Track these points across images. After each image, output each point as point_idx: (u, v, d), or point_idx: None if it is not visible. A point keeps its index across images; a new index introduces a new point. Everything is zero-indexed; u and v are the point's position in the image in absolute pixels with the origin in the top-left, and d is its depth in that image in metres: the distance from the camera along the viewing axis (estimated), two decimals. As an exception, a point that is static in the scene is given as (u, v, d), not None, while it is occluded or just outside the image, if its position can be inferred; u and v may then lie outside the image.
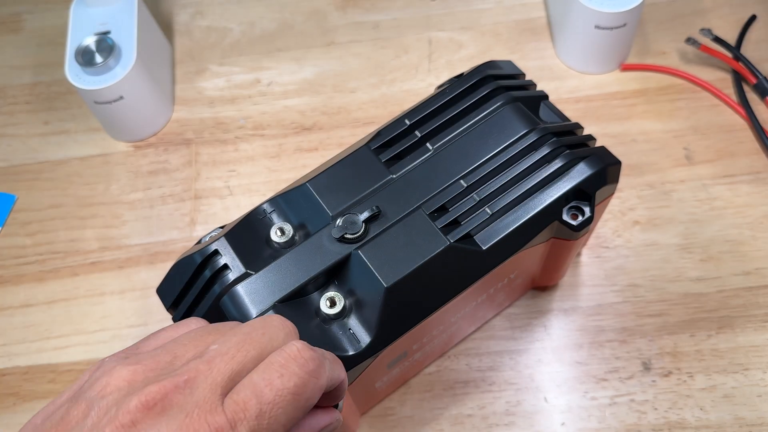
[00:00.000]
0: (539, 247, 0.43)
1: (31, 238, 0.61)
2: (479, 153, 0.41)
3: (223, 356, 0.28)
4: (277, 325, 0.30)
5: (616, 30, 0.59)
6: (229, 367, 0.27)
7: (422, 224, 0.39)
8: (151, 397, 0.26)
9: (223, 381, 0.27)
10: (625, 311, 0.54)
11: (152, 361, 0.28)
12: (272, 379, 0.27)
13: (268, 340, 0.29)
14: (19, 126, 0.67)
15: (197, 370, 0.27)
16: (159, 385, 0.26)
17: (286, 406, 0.27)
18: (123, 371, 0.27)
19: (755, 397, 0.50)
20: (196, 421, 0.25)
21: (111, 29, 0.61)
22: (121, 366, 0.27)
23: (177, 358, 0.28)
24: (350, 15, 0.70)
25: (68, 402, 0.27)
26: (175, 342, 0.29)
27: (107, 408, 0.26)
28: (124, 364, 0.28)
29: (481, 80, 0.44)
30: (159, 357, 0.28)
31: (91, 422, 0.26)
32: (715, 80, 0.63)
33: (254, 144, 0.64)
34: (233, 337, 0.29)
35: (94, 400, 0.26)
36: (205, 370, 0.27)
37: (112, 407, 0.26)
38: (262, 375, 0.28)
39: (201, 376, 0.27)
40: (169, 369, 0.28)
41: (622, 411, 0.50)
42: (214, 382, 0.27)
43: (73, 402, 0.27)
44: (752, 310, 0.53)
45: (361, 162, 0.42)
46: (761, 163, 0.59)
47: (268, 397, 0.27)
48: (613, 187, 0.43)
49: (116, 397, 0.26)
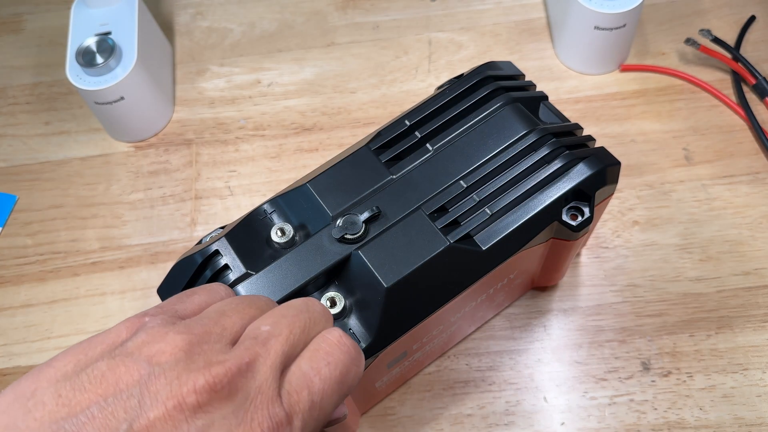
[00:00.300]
0: (539, 247, 0.43)
1: (32, 238, 0.61)
2: (479, 153, 0.41)
3: (277, 338, 0.27)
4: (319, 309, 0.30)
5: (615, 31, 0.60)
6: (283, 349, 0.27)
7: (422, 225, 0.39)
8: (219, 379, 0.24)
9: (278, 365, 0.26)
10: (625, 311, 0.54)
11: (203, 331, 0.26)
12: (320, 367, 0.27)
13: (313, 323, 0.29)
14: (20, 126, 0.67)
15: (256, 353, 0.26)
16: (225, 367, 0.25)
17: (332, 395, 0.28)
18: (177, 339, 0.25)
19: (754, 397, 0.50)
20: (259, 411, 0.25)
21: (112, 30, 0.61)
22: (174, 332, 0.26)
23: (226, 331, 0.27)
24: (350, 16, 0.71)
25: (107, 357, 0.25)
26: (218, 312, 0.28)
27: (167, 380, 0.24)
28: (176, 331, 0.26)
29: (481, 81, 0.44)
30: (209, 327, 0.27)
31: (148, 392, 0.24)
32: (715, 81, 0.63)
33: (255, 144, 0.64)
34: (282, 318, 0.28)
35: (147, 365, 0.24)
36: (263, 352, 0.26)
37: (173, 380, 0.24)
38: (310, 363, 0.27)
39: (260, 359, 0.26)
40: (221, 342, 0.26)
41: (622, 411, 0.50)
42: (273, 365, 0.26)
43: (116, 359, 0.25)
44: (751, 310, 0.53)
45: (361, 162, 0.42)
46: (760, 163, 0.59)
47: (318, 387, 0.27)
48: (613, 187, 0.43)
49: (174, 368, 0.24)
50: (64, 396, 0.24)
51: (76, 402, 0.24)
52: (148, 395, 0.24)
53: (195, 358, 0.25)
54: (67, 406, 0.23)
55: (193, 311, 0.29)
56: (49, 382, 0.24)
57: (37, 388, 0.24)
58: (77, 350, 0.26)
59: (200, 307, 0.29)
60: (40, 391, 0.24)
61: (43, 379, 0.24)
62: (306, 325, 0.29)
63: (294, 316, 0.29)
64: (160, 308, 0.28)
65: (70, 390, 0.24)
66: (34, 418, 0.23)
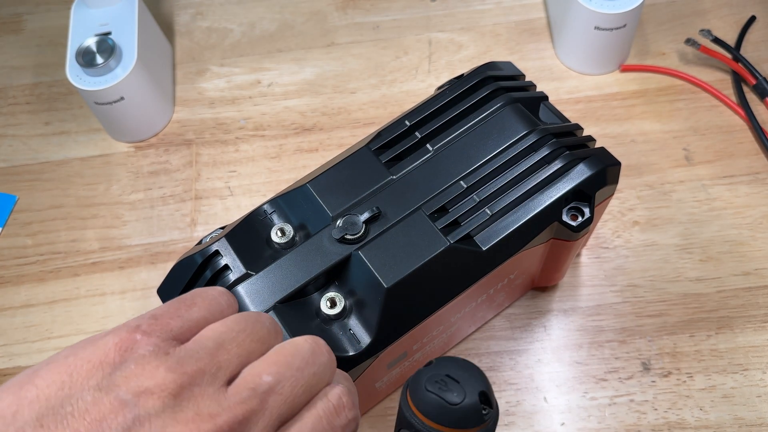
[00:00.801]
0: (539, 247, 0.43)
1: (32, 238, 0.61)
2: (479, 154, 0.41)
3: (278, 395, 0.25)
4: (325, 360, 0.28)
5: (615, 31, 0.60)
6: (282, 410, 0.25)
7: (422, 225, 0.39)
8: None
9: (273, 424, 0.25)
10: (625, 311, 0.54)
11: (196, 369, 0.24)
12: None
13: (317, 380, 0.27)
14: (20, 126, 0.67)
15: (252, 410, 0.24)
16: (217, 426, 0.23)
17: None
18: (168, 379, 0.24)
19: (755, 398, 0.50)
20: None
21: (112, 30, 0.61)
22: (165, 369, 0.24)
23: (221, 371, 0.25)
24: (350, 16, 0.71)
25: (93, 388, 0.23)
26: (216, 344, 0.26)
27: (153, 429, 0.23)
28: (167, 368, 0.24)
29: (481, 81, 0.44)
30: (203, 364, 0.25)
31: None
32: (715, 81, 0.63)
33: (255, 145, 0.64)
34: (287, 370, 0.26)
35: (134, 407, 0.23)
36: (259, 410, 0.25)
37: (158, 430, 0.23)
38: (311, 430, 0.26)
39: (255, 417, 0.24)
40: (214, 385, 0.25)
41: (622, 411, 0.50)
42: (267, 425, 0.25)
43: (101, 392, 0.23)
44: (751, 311, 0.53)
45: (361, 163, 0.42)
46: (760, 163, 0.59)
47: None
48: (613, 188, 0.43)
49: (161, 416, 0.23)
50: (46, 427, 0.22)
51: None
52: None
53: (184, 405, 0.23)
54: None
55: (190, 330, 0.27)
56: (30, 406, 0.23)
57: (18, 411, 0.23)
58: (62, 367, 0.24)
59: (198, 326, 0.27)
60: (20, 415, 0.23)
61: (25, 400, 0.23)
62: (310, 381, 0.27)
63: (299, 369, 0.27)
64: (155, 323, 0.26)
65: (52, 421, 0.22)
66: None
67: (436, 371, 0.27)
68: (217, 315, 0.28)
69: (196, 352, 0.25)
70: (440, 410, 0.26)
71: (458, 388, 0.26)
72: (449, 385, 0.26)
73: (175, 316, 0.27)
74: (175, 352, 0.25)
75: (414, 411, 0.26)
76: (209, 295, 0.29)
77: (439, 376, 0.26)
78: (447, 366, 0.27)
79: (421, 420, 0.26)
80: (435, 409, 0.26)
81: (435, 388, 0.26)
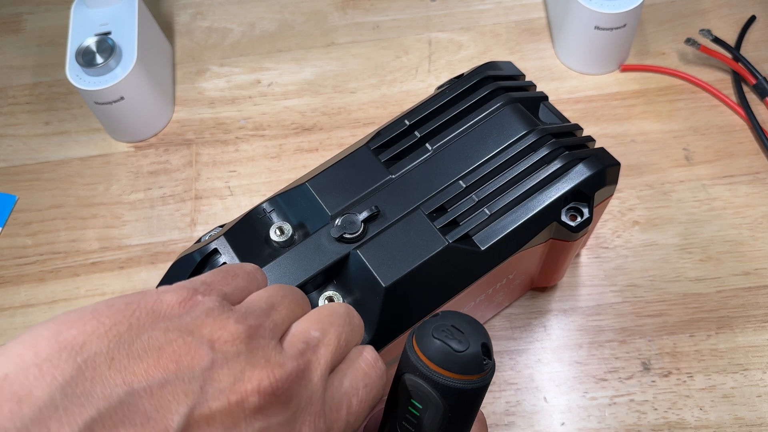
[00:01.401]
0: (538, 247, 0.43)
1: (32, 238, 0.61)
2: (479, 154, 0.41)
3: (327, 347, 0.27)
4: (358, 322, 0.30)
5: (615, 31, 0.59)
6: (331, 359, 0.27)
7: (421, 224, 0.39)
8: (281, 384, 0.23)
9: (326, 374, 0.26)
10: (625, 311, 0.54)
11: (257, 324, 0.25)
12: (359, 388, 0.27)
13: (353, 336, 0.29)
14: (20, 126, 0.67)
15: (309, 360, 0.26)
16: (285, 371, 0.24)
17: (363, 418, 0.27)
18: (239, 329, 0.24)
19: (755, 398, 0.50)
20: (306, 423, 0.24)
21: (112, 30, 0.61)
22: (232, 320, 0.24)
23: (276, 327, 0.26)
24: (350, 16, 0.71)
25: (163, 328, 0.23)
26: (268, 305, 0.27)
27: (231, 371, 0.23)
28: (235, 320, 0.24)
29: (481, 81, 0.44)
30: (261, 321, 0.25)
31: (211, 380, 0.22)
32: (715, 81, 0.63)
33: (254, 144, 0.64)
34: (330, 326, 0.28)
35: (210, 350, 0.23)
36: (314, 360, 0.26)
37: (237, 373, 0.23)
38: (351, 382, 0.27)
39: (312, 366, 0.25)
40: (274, 339, 0.25)
41: (622, 411, 0.50)
42: (322, 375, 0.26)
43: (174, 333, 0.23)
44: (751, 311, 0.53)
45: (360, 162, 0.42)
46: (760, 163, 0.59)
47: (354, 408, 0.27)
48: (612, 188, 0.43)
49: (237, 361, 0.23)
50: (118, 361, 0.21)
51: (131, 371, 0.21)
52: (212, 384, 0.22)
53: (254, 353, 0.24)
54: (121, 374, 0.21)
55: (238, 298, 0.27)
56: (100, 339, 0.22)
57: (86, 343, 0.22)
58: (125, 310, 0.23)
59: (243, 293, 0.28)
60: (89, 347, 0.21)
61: (93, 333, 0.22)
62: (348, 337, 0.28)
63: (340, 325, 0.28)
64: (209, 286, 0.26)
65: (125, 356, 0.22)
66: (85, 377, 0.21)
67: (443, 321, 0.28)
68: (256, 287, 0.29)
69: (254, 311, 0.26)
70: (445, 356, 0.28)
71: (463, 337, 0.28)
72: (454, 335, 0.28)
73: (224, 283, 0.27)
74: (237, 309, 0.26)
75: (420, 356, 0.28)
76: (247, 269, 0.29)
77: (446, 326, 0.28)
78: (453, 318, 0.29)
79: (426, 364, 0.28)
80: (440, 355, 0.28)
81: (441, 336, 0.28)
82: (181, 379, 0.22)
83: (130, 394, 0.21)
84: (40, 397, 0.20)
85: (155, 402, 0.21)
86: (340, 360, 0.27)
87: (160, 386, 0.21)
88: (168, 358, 0.22)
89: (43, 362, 0.21)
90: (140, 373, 0.21)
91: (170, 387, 0.22)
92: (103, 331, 0.22)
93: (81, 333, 0.22)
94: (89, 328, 0.22)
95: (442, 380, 0.28)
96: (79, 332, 0.22)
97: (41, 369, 0.20)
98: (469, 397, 0.28)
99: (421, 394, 0.28)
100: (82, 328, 0.22)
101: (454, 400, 0.28)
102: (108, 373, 0.21)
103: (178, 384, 0.22)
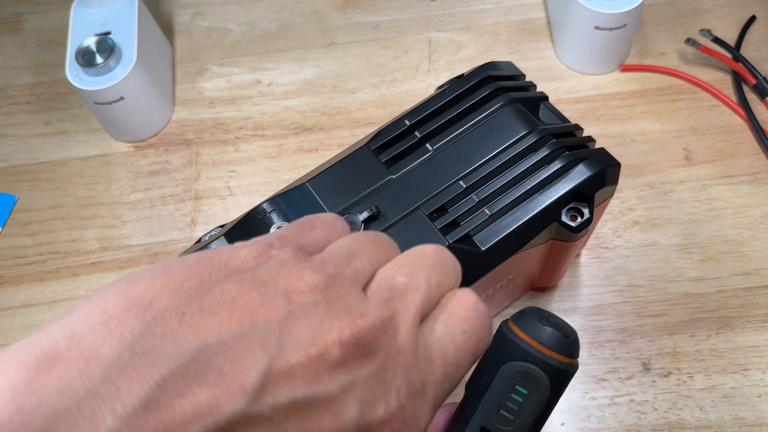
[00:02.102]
0: (538, 248, 0.43)
1: (32, 238, 0.61)
2: (479, 154, 0.41)
3: (415, 292, 0.24)
4: (451, 262, 0.27)
5: (615, 31, 0.59)
6: (421, 306, 0.24)
7: (421, 224, 0.39)
8: (364, 334, 0.22)
9: (416, 322, 0.24)
10: (625, 311, 0.54)
11: (336, 272, 0.23)
12: (455, 335, 0.25)
13: (446, 278, 0.26)
14: (20, 126, 0.67)
15: (395, 308, 0.23)
16: (369, 321, 0.22)
17: (464, 368, 0.25)
18: (315, 278, 0.23)
19: (755, 398, 0.50)
20: (398, 375, 0.22)
21: (111, 30, 0.61)
22: (309, 270, 0.23)
23: (358, 275, 0.24)
24: (350, 15, 0.71)
25: (235, 280, 0.22)
26: (348, 252, 0.25)
27: (309, 323, 0.21)
28: (312, 269, 0.23)
29: (481, 81, 0.44)
30: (341, 269, 0.24)
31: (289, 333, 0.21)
32: (715, 81, 0.63)
33: (254, 144, 0.64)
34: (418, 270, 0.25)
35: (286, 301, 0.22)
36: (401, 308, 0.24)
37: (315, 324, 0.21)
38: (446, 329, 0.25)
39: (399, 315, 0.23)
40: (356, 288, 0.24)
41: (622, 411, 0.50)
42: (413, 324, 0.24)
43: (247, 285, 0.22)
44: (751, 311, 0.53)
45: (360, 162, 0.42)
46: (760, 163, 0.59)
47: (452, 357, 0.25)
48: (613, 188, 0.43)
49: (315, 311, 0.22)
50: (189, 316, 0.20)
51: (203, 326, 0.20)
52: (289, 336, 0.21)
53: (334, 303, 0.22)
54: (193, 329, 0.20)
55: (316, 248, 0.25)
56: (170, 294, 0.21)
57: (156, 299, 0.21)
58: (197, 266, 0.22)
59: (322, 244, 0.26)
60: (159, 303, 0.21)
61: (162, 289, 0.21)
62: (440, 279, 0.26)
63: (429, 268, 0.25)
64: (283, 239, 0.25)
65: (196, 311, 0.20)
66: (155, 334, 0.20)
67: (539, 313, 0.31)
68: (336, 236, 0.27)
69: (332, 259, 0.24)
70: (558, 341, 0.30)
71: (563, 325, 0.31)
72: (557, 322, 0.31)
73: (300, 235, 0.26)
74: (313, 259, 0.24)
75: (531, 342, 0.30)
76: (326, 219, 0.28)
77: (544, 316, 0.31)
78: (541, 311, 0.31)
79: (539, 349, 0.30)
80: (553, 341, 0.30)
81: (549, 324, 0.30)
82: (257, 333, 0.21)
83: (202, 350, 0.20)
84: (108, 355, 0.19)
85: (230, 357, 0.20)
86: (432, 306, 0.25)
87: (234, 341, 0.20)
88: (242, 311, 0.21)
89: (110, 319, 0.20)
90: (213, 327, 0.20)
91: (245, 341, 0.20)
92: (173, 286, 0.21)
93: (150, 289, 0.21)
94: (159, 285, 0.21)
95: (554, 363, 0.30)
96: (149, 288, 0.21)
97: (109, 327, 0.20)
98: (569, 380, 0.31)
99: (528, 379, 0.30)
100: (151, 284, 0.21)
101: (560, 382, 0.30)
102: (179, 328, 0.20)
103: (254, 337, 0.20)
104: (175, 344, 0.20)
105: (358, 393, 0.22)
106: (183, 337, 0.20)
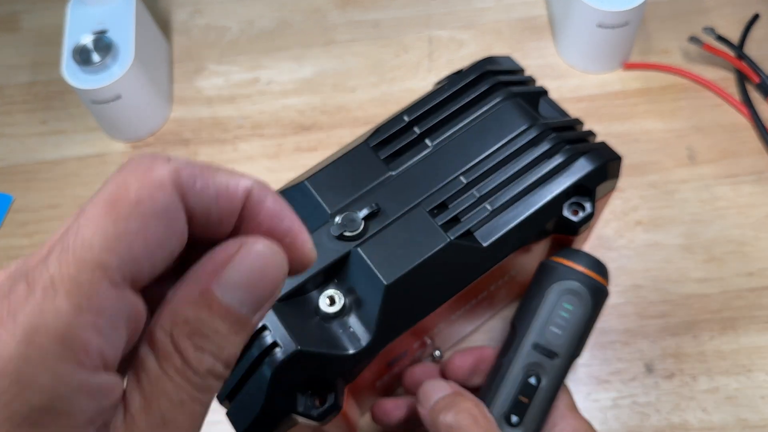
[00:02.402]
0: (540, 243, 0.43)
1: (29, 238, 0.60)
2: (479, 149, 0.41)
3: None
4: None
5: (618, 28, 0.59)
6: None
7: (422, 221, 0.38)
8: None
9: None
10: (628, 312, 0.53)
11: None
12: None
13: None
14: (16, 126, 0.66)
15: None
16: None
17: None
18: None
19: (758, 399, 0.49)
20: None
21: (108, 28, 0.60)
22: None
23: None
24: (350, 13, 0.70)
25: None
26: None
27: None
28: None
29: (481, 76, 0.44)
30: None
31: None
32: (718, 79, 0.63)
33: (253, 144, 0.63)
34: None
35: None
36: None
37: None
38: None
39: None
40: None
41: (625, 413, 0.50)
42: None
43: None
44: (755, 311, 0.52)
45: (360, 159, 0.41)
46: (764, 162, 0.58)
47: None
48: (614, 182, 0.43)
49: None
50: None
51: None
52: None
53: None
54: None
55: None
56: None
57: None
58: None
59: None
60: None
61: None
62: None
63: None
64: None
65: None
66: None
67: (575, 250, 0.41)
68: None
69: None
70: (595, 264, 0.40)
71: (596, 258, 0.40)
72: (591, 256, 0.40)
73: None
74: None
75: (578, 267, 0.39)
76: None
77: (579, 252, 0.40)
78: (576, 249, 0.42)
79: (585, 272, 0.39)
80: (590, 264, 0.40)
81: (585, 255, 0.40)
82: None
83: None
84: None
85: None
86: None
87: None
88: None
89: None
90: None
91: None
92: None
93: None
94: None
95: (594, 281, 0.39)
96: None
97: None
98: (603, 301, 0.40)
99: (574, 295, 0.39)
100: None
101: (598, 300, 0.39)
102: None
103: None
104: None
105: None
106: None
